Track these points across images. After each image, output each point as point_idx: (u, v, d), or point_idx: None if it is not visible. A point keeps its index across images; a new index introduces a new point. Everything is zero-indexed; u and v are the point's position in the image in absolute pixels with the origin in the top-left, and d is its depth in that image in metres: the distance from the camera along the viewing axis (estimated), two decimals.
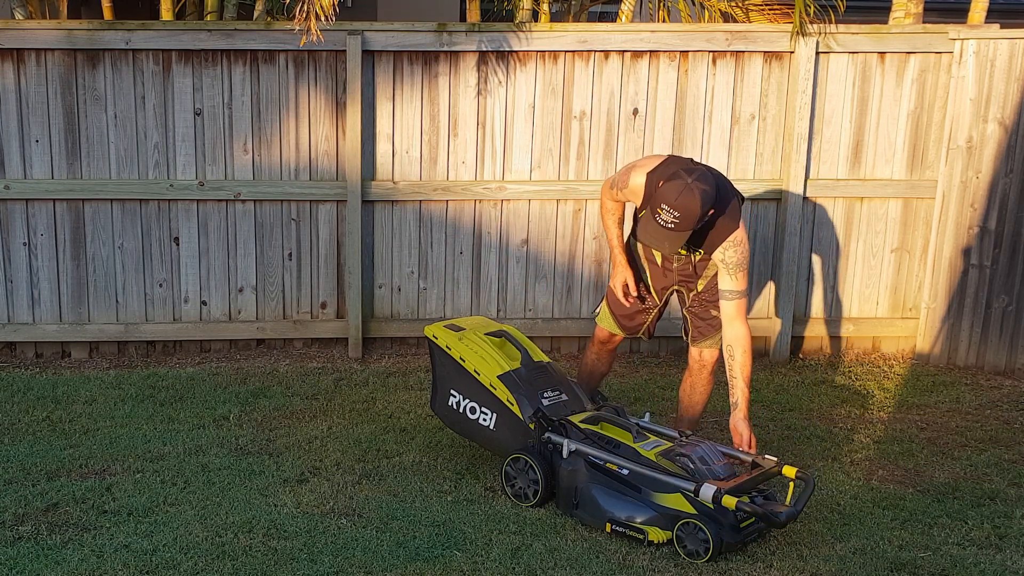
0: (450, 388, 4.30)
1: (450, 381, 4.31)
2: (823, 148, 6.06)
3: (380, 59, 5.89)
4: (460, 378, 4.25)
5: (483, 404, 4.18)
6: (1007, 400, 5.49)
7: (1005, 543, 3.76)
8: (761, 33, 5.96)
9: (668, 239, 3.88)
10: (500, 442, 4.16)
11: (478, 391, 4.19)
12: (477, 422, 4.21)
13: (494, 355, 4.23)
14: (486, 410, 4.17)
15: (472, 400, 4.21)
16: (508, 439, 4.12)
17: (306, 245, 6.09)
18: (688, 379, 4.49)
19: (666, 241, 3.88)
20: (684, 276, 4.30)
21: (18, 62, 5.74)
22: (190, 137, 5.89)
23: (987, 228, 5.91)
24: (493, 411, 4.15)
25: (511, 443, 4.10)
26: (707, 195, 3.82)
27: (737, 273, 4.01)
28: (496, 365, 4.18)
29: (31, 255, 5.94)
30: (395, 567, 3.48)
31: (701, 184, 3.83)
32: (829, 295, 6.26)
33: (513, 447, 4.08)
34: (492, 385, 4.14)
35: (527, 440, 4.05)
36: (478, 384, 4.18)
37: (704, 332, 4.36)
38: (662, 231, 3.85)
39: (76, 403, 5.25)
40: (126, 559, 3.50)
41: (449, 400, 4.31)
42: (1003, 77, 5.75)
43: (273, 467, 4.38)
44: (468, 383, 4.22)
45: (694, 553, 3.54)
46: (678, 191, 3.80)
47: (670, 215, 3.80)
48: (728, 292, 4.05)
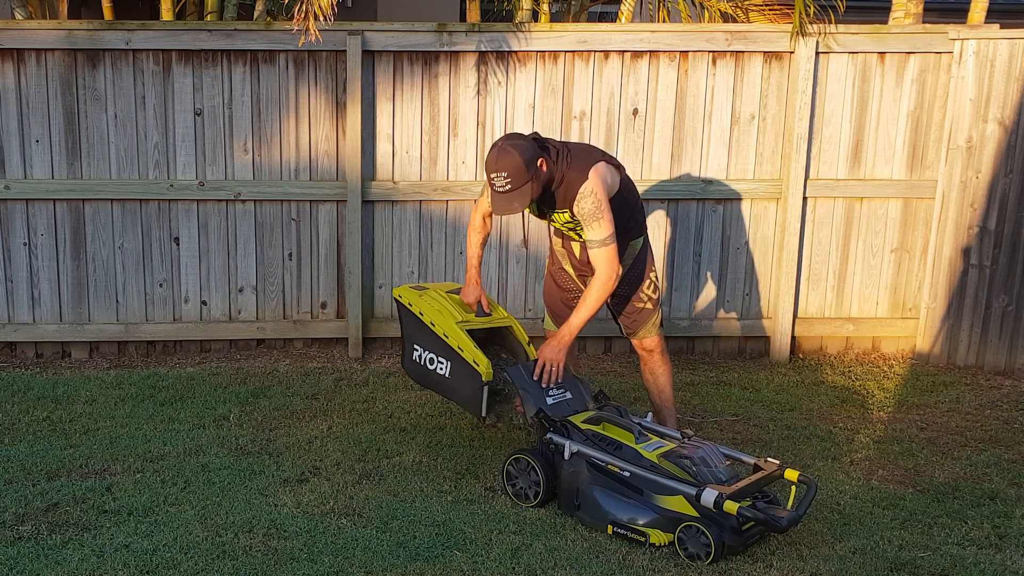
0: (413, 343, 4.48)
1: (413, 337, 4.48)
2: (823, 148, 6.06)
3: (380, 59, 5.89)
4: (420, 332, 4.43)
5: (439, 354, 4.33)
6: (1007, 400, 5.49)
7: (1005, 543, 3.76)
8: (761, 33, 5.97)
9: (514, 199, 4.00)
10: (455, 389, 4.30)
11: (434, 342, 4.35)
12: (435, 372, 4.37)
13: (449, 308, 4.40)
14: (442, 359, 4.32)
15: (430, 351, 4.38)
16: (461, 385, 4.24)
17: (306, 245, 6.09)
18: (645, 369, 4.57)
19: (514, 202, 4.00)
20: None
21: (18, 62, 5.74)
22: (190, 137, 5.89)
23: (987, 228, 5.91)
24: (448, 359, 4.28)
25: (463, 389, 4.23)
26: (521, 148, 3.97)
27: (593, 223, 4.04)
28: (450, 316, 4.34)
29: (31, 255, 5.94)
30: (395, 567, 3.48)
31: (510, 141, 4.03)
32: (829, 295, 6.26)
33: (465, 393, 4.22)
34: (445, 334, 4.28)
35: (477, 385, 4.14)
36: (434, 335, 4.35)
37: (634, 324, 4.46)
38: (503, 195, 4.00)
39: (76, 403, 5.25)
40: (126, 559, 3.50)
41: (413, 355, 4.48)
42: (1003, 77, 5.76)
43: (273, 467, 4.38)
44: (427, 335, 4.39)
45: (695, 556, 3.54)
46: (495, 156, 3.99)
47: (501, 178, 3.96)
48: (591, 242, 4.08)
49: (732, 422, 5.09)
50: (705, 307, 6.26)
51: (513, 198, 4.00)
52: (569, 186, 4.08)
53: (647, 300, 4.40)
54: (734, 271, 6.21)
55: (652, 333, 4.45)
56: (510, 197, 4.00)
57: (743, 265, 6.20)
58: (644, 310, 4.41)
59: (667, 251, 6.15)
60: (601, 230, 4.03)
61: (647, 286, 4.40)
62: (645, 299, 4.40)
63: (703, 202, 6.11)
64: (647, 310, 4.41)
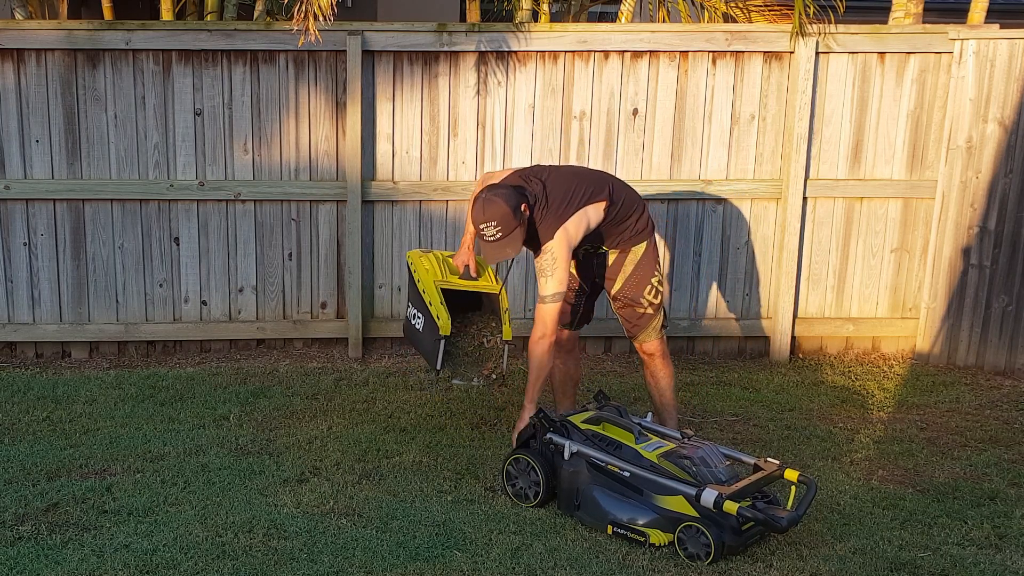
0: (409, 301, 4.71)
1: (410, 296, 4.70)
2: (823, 148, 6.07)
3: (380, 59, 5.89)
4: (413, 290, 4.64)
5: (419, 309, 4.52)
6: (1007, 400, 5.49)
7: (1005, 543, 3.76)
8: (761, 33, 5.97)
9: (506, 246, 4.08)
10: (423, 341, 4.50)
11: (417, 298, 4.53)
12: (415, 327, 4.53)
13: (436, 268, 4.51)
14: (419, 314, 4.51)
15: (415, 307, 4.58)
16: (427, 338, 4.42)
17: (306, 245, 6.09)
18: (646, 372, 4.56)
19: (507, 248, 4.08)
20: (602, 269, 4.46)
21: (18, 62, 5.74)
22: (190, 137, 5.89)
23: (987, 228, 5.91)
24: (423, 314, 4.46)
25: (427, 342, 4.42)
26: (505, 195, 4.05)
27: (541, 278, 4.14)
28: (433, 275, 4.48)
29: (31, 255, 5.94)
30: (395, 567, 3.48)
31: (493, 192, 4.09)
32: (829, 295, 6.26)
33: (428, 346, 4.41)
34: (423, 290, 4.44)
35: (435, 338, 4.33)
36: (417, 292, 4.53)
37: (636, 328, 4.45)
38: (494, 243, 4.07)
39: (76, 403, 5.25)
40: (126, 559, 3.50)
41: (408, 311, 4.70)
42: (1003, 77, 5.76)
43: (273, 467, 4.38)
44: (415, 293, 4.58)
45: (695, 556, 3.54)
46: (480, 208, 4.06)
47: (491, 228, 4.04)
48: (539, 295, 4.18)
49: (732, 422, 5.09)
50: (705, 307, 6.26)
51: (505, 245, 4.07)
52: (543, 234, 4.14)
53: (648, 306, 4.38)
54: (734, 271, 6.21)
55: (653, 337, 4.44)
56: (502, 244, 4.07)
57: (743, 265, 6.20)
58: (645, 315, 4.40)
59: (667, 251, 6.15)
60: (548, 287, 4.12)
61: (648, 291, 4.38)
62: (646, 304, 4.38)
63: (703, 202, 6.11)
64: (647, 315, 4.40)
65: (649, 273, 4.37)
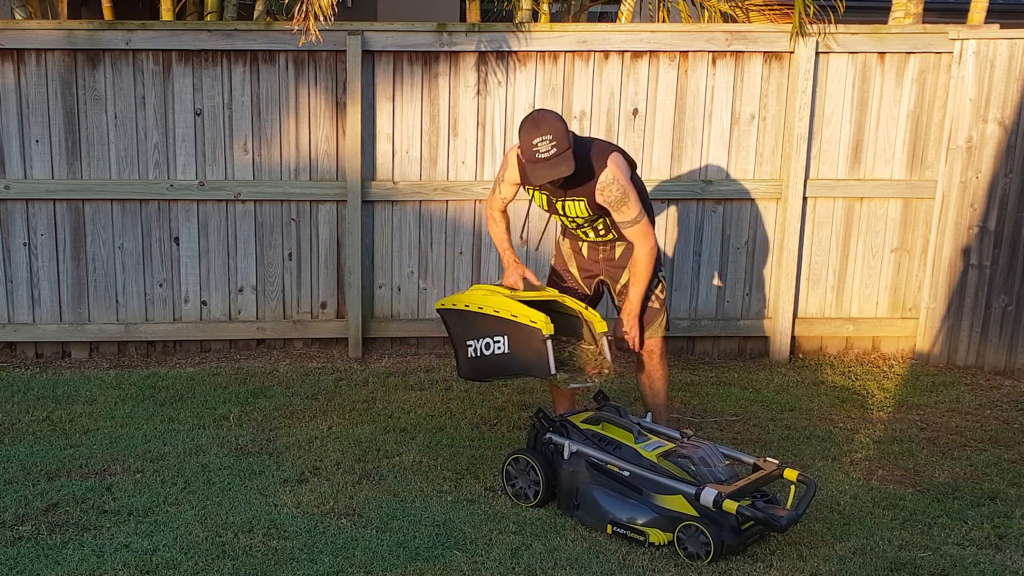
0: (465, 341, 4.20)
1: (464, 335, 4.22)
2: (823, 148, 6.07)
3: (380, 59, 5.89)
4: (470, 324, 4.19)
5: (493, 334, 4.07)
6: (1007, 400, 5.49)
7: (1005, 543, 3.76)
8: (761, 33, 5.97)
9: (560, 163, 3.96)
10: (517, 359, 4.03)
11: (486, 325, 4.10)
12: (494, 355, 4.09)
13: (495, 290, 4.25)
14: (497, 338, 4.06)
15: (484, 337, 4.11)
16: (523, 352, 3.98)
17: (306, 245, 6.09)
18: (643, 372, 4.51)
19: (561, 165, 3.95)
20: (609, 265, 4.41)
21: (18, 62, 5.74)
22: (190, 137, 5.89)
23: (987, 228, 5.91)
24: (503, 334, 4.03)
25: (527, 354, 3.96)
26: (555, 114, 4.03)
27: (622, 207, 4.09)
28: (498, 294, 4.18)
29: (31, 255, 5.94)
30: (395, 567, 3.48)
31: (540, 112, 4.08)
32: (829, 295, 6.26)
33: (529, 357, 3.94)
34: (496, 310, 4.06)
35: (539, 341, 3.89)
36: (484, 318, 4.11)
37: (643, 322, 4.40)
38: (547, 160, 3.95)
39: (76, 403, 5.25)
40: (126, 559, 3.50)
41: (468, 352, 4.19)
42: (1003, 77, 5.76)
43: (273, 467, 4.38)
44: (477, 324, 4.15)
45: (695, 555, 3.54)
46: (533, 123, 3.99)
47: (546, 142, 3.92)
48: (622, 223, 4.15)
49: (732, 422, 5.09)
50: (705, 307, 6.26)
51: (559, 162, 3.94)
52: (588, 171, 4.07)
53: (655, 299, 4.37)
54: (734, 271, 6.21)
55: (658, 334, 4.42)
56: (556, 161, 3.94)
57: (743, 265, 6.20)
58: (652, 309, 4.37)
59: (667, 251, 6.15)
60: (630, 211, 4.10)
61: (655, 284, 4.37)
62: (654, 299, 4.37)
63: (703, 202, 6.11)
64: (655, 309, 4.38)
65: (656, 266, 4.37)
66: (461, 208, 6.08)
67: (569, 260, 4.52)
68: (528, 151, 3.99)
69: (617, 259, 4.38)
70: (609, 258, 4.40)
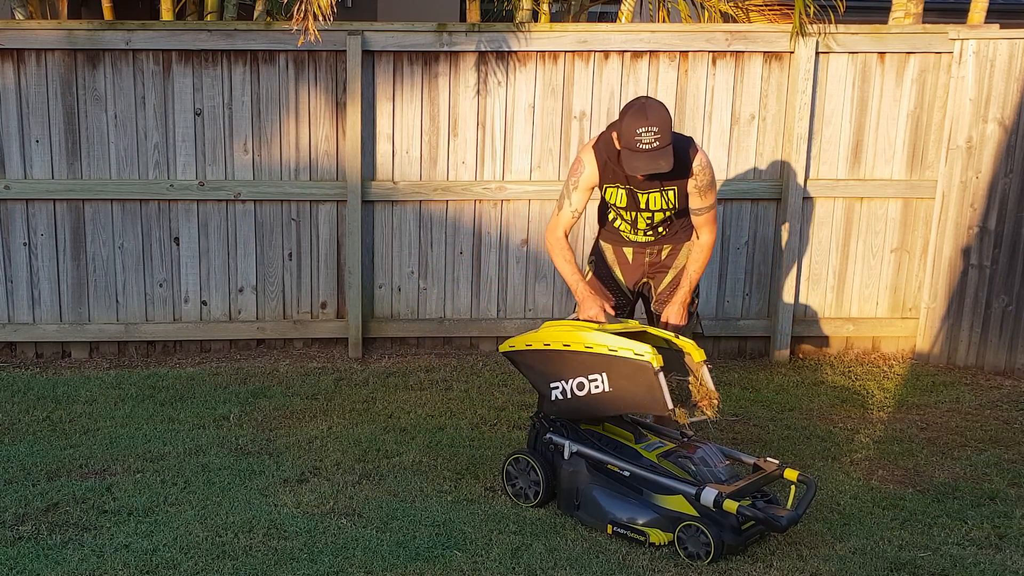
0: (550, 383, 3.88)
1: (548, 375, 3.89)
2: (823, 148, 6.07)
3: (380, 59, 5.89)
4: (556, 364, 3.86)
5: (588, 372, 3.74)
6: (1007, 400, 5.49)
7: (1005, 543, 3.76)
8: (761, 33, 5.97)
9: (660, 157, 3.86)
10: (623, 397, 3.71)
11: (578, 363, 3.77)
12: (590, 395, 3.74)
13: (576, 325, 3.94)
14: (594, 376, 3.72)
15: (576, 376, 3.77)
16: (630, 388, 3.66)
17: (306, 245, 6.09)
18: None
19: (660, 160, 3.85)
20: (655, 268, 4.37)
21: (18, 62, 5.74)
22: (190, 137, 5.89)
23: (987, 228, 5.91)
24: (601, 371, 3.69)
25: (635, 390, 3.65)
26: (663, 105, 3.94)
27: (707, 192, 4.12)
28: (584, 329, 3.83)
29: (31, 255, 5.94)
30: (395, 567, 3.48)
31: (649, 99, 4.00)
32: (829, 295, 6.26)
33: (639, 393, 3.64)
34: (588, 347, 3.72)
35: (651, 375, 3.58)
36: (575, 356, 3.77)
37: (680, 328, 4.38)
38: (650, 154, 3.85)
39: (76, 403, 5.25)
40: (126, 559, 3.50)
41: (553, 395, 3.87)
42: (1003, 77, 5.76)
43: (273, 467, 4.38)
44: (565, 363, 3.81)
45: (695, 555, 3.54)
46: (641, 111, 3.87)
47: (651, 134, 3.82)
48: (699, 210, 4.15)
49: (732, 422, 5.08)
50: (705, 307, 6.25)
51: (660, 156, 3.84)
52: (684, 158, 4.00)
53: (692, 303, 4.36)
54: (734, 271, 6.21)
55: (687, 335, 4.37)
56: (657, 155, 3.83)
57: (743, 265, 6.20)
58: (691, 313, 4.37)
59: None
60: (712, 196, 4.14)
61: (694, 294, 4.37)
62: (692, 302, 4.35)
63: None
64: (692, 313, 4.38)
65: None
66: (461, 208, 6.08)
67: (614, 266, 4.41)
68: (630, 139, 3.85)
69: (663, 260, 4.35)
70: (655, 261, 4.35)
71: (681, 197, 4.11)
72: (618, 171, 4.06)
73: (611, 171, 4.10)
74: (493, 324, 6.22)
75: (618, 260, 4.41)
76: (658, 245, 4.33)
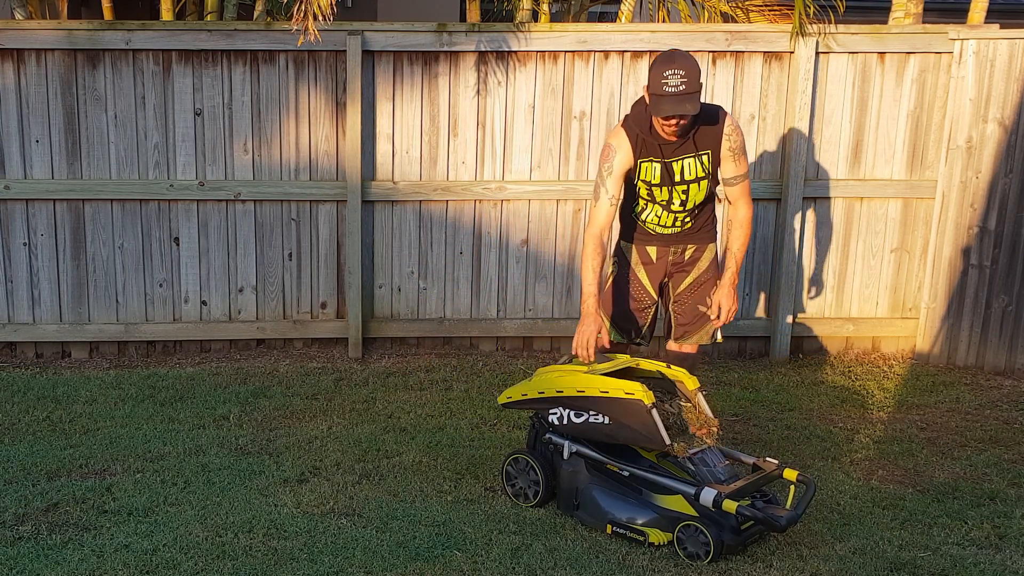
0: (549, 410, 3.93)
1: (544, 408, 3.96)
2: (823, 148, 6.06)
3: (380, 59, 5.89)
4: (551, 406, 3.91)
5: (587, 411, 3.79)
6: (1007, 400, 5.49)
7: (1005, 543, 3.76)
8: (761, 33, 5.97)
9: (686, 100, 3.83)
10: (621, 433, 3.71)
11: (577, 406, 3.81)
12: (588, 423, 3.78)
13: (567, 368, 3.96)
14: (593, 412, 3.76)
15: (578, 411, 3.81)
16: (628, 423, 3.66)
17: (306, 245, 6.09)
18: None
19: (686, 103, 3.83)
20: (677, 268, 4.34)
21: (18, 62, 5.74)
22: (190, 137, 5.89)
23: (987, 228, 5.91)
24: (600, 411, 3.74)
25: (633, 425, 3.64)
26: (691, 56, 3.94)
27: (740, 157, 4.12)
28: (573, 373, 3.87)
29: (31, 255, 5.94)
30: (395, 567, 3.48)
31: (678, 49, 4.00)
32: (829, 295, 6.26)
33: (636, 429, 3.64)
34: (580, 391, 3.78)
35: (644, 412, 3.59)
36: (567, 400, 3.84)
37: (689, 331, 4.37)
38: (676, 96, 3.83)
39: (76, 403, 5.26)
40: (126, 559, 3.50)
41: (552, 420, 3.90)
42: (1003, 77, 5.76)
43: (273, 467, 4.38)
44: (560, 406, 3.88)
45: (694, 555, 3.54)
46: (669, 56, 3.91)
47: (676, 77, 3.81)
48: (733, 178, 4.15)
49: (732, 422, 5.08)
50: None
51: (687, 99, 3.81)
52: (713, 117, 4.03)
53: (708, 307, 4.31)
54: None
55: (705, 340, 4.36)
56: (684, 98, 3.82)
57: (743, 265, 6.19)
58: (705, 316, 4.31)
59: None
60: (745, 163, 4.14)
61: (714, 292, 4.29)
62: (708, 304, 4.29)
63: None
64: (707, 317, 4.31)
65: (717, 275, 4.33)
66: (461, 208, 6.08)
67: (638, 267, 4.37)
68: (657, 83, 3.84)
69: (685, 261, 4.31)
70: (678, 260, 4.32)
71: (714, 162, 4.11)
72: (651, 142, 4.03)
73: (644, 144, 4.06)
74: (493, 324, 6.22)
75: (641, 260, 4.35)
76: (683, 243, 4.28)
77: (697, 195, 4.17)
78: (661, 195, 4.16)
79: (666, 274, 4.37)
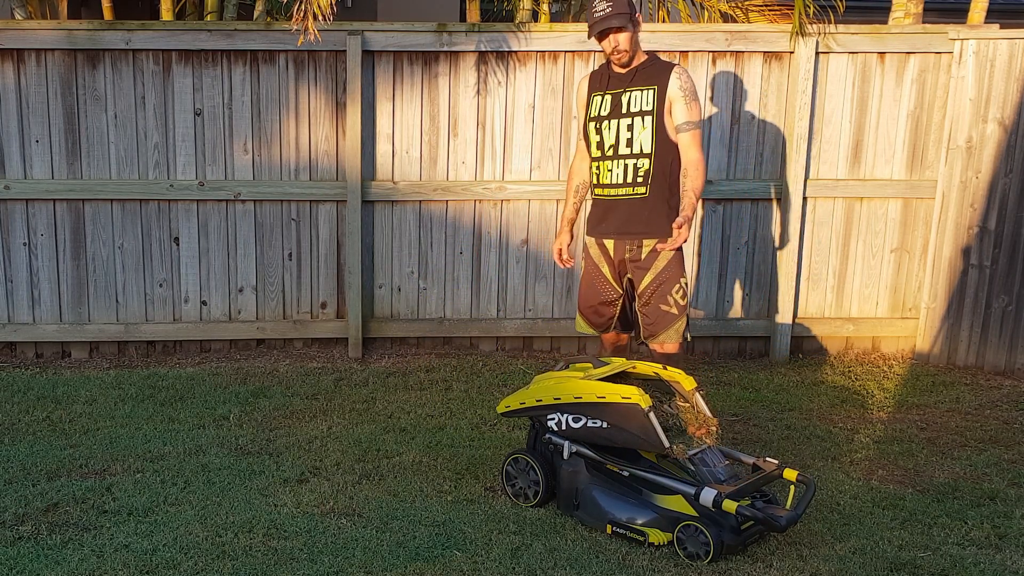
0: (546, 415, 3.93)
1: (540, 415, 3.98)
2: (823, 148, 6.07)
3: (380, 59, 5.89)
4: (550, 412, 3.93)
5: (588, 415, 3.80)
6: (1007, 400, 5.49)
7: (1005, 543, 3.76)
8: (761, 33, 5.97)
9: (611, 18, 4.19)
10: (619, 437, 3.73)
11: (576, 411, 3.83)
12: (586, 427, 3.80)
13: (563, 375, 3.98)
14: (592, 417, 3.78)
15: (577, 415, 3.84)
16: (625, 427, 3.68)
17: (306, 245, 6.09)
18: None
19: (612, 19, 4.19)
20: (634, 265, 4.40)
21: (18, 62, 5.74)
22: (190, 137, 5.89)
23: (987, 228, 5.91)
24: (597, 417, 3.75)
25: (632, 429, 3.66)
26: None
27: (692, 103, 4.27)
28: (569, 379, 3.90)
29: (31, 255, 5.94)
30: (395, 567, 3.48)
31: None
32: (829, 295, 6.26)
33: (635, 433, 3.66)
34: (576, 397, 3.81)
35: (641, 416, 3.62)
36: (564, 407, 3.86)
37: (656, 327, 4.39)
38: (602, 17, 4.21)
39: (76, 403, 5.25)
40: (126, 559, 3.50)
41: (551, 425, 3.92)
42: (1003, 77, 5.76)
43: (273, 467, 4.38)
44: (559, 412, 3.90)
45: (694, 555, 3.53)
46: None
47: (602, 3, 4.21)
48: (685, 123, 4.27)
49: (732, 422, 5.08)
50: (705, 307, 6.26)
51: (611, 17, 4.18)
52: (658, 65, 4.33)
53: (673, 304, 4.34)
54: (734, 271, 6.21)
55: (674, 339, 4.37)
56: (609, 16, 4.18)
57: (743, 265, 6.20)
58: (669, 314, 4.34)
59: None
60: (694, 111, 4.27)
61: (676, 290, 4.34)
62: (671, 303, 4.33)
63: (703, 202, 6.10)
64: (672, 315, 4.34)
65: (679, 272, 4.35)
66: (461, 208, 6.08)
67: (601, 263, 4.48)
68: (589, 15, 4.26)
69: (642, 260, 4.35)
70: (635, 258, 4.37)
71: (660, 98, 4.27)
72: (604, 75, 4.42)
73: (599, 79, 4.45)
74: (493, 324, 6.22)
75: (602, 254, 4.49)
76: (637, 235, 4.34)
77: (642, 134, 4.30)
78: (609, 137, 4.37)
79: (627, 269, 4.44)
